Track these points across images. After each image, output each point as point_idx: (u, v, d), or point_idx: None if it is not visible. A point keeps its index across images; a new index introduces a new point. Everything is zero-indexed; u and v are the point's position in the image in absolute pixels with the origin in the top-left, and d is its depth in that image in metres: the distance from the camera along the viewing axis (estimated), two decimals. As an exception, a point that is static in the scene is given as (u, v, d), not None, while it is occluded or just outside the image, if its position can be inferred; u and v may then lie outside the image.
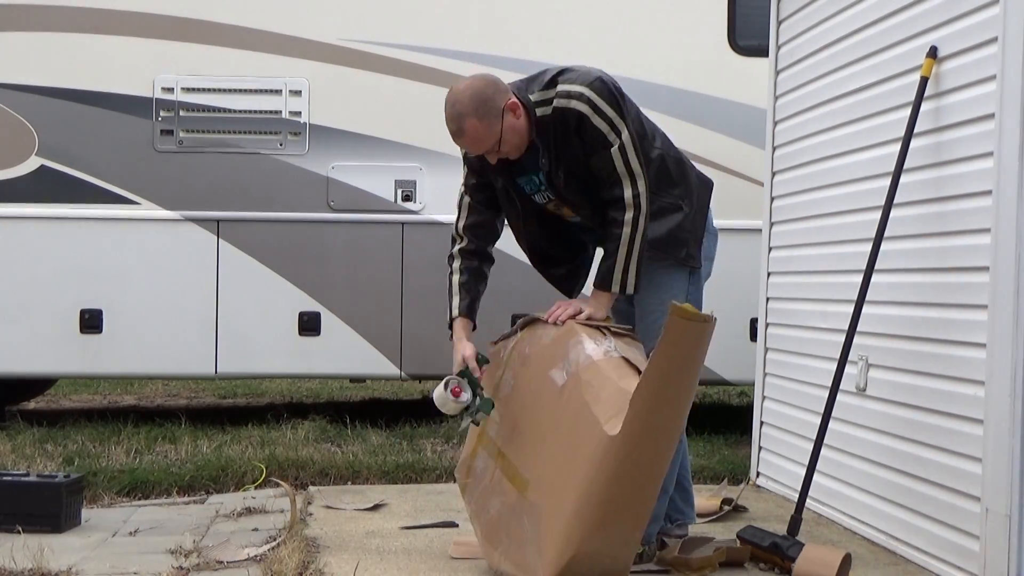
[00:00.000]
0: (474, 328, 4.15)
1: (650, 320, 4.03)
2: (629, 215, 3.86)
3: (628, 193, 3.87)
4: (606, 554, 3.60)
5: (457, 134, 3.90)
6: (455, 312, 4.14)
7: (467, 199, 4.22)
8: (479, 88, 3.86)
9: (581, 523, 3.54)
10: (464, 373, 3.93)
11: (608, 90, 3.91)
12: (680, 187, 4.11)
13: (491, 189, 4.17)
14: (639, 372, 3.56)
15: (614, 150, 3.86)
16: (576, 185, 3.98)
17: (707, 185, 4.25)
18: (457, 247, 4.22)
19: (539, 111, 3.91)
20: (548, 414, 3.73)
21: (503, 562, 3.87)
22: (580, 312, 3.90)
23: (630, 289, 3.88)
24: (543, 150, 3.94)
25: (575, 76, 3.93)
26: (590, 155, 3.89)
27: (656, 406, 3.47)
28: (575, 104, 3.87)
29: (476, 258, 4.19)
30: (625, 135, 3.87)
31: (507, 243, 4.34)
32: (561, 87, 3.90)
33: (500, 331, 4.27)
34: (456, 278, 4.18)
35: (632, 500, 3.56)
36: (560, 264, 4.28)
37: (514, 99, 3.89)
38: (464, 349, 4.01)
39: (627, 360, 3.65)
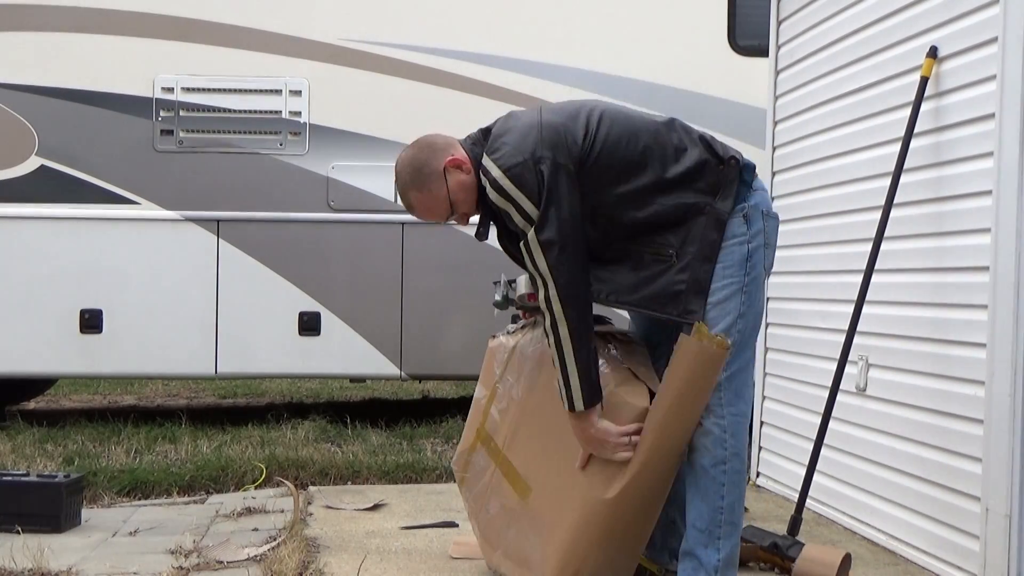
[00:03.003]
0: None
1: (712, 312, 3.47)
2: (545, 322, 3.42)
3: (540, 295, 3.42)
4: (608, 568, 3.62)
5: (409, 209, 3.59)
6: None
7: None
8: (412, 157, 3.52)
9: (586, 539, 3.55)
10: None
11: (530, 175, 3.36)
12: (677, 235, 3.46)
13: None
14: (637, 378, 3.55)
15: (522, 244, 3.40)
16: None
17: (718, 221, 3.46)
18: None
19: (481, 175, 3.48)
20: (553, 422, 3.68)
21: (503, 563, 3.87)
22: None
23: (578, 405, 3.39)
24: (484, 218, 3.57)
25: (501, 152, 3.42)
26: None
27: (667, 428, 3.46)
28: (488, 190, 3.42)
29: None
30: (531, 233, 3.35)
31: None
32: (484, 161, 3.45)
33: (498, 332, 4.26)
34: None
35: (637, 519, 3.58)
36: None
37: (456, 156, 3.48)
38: None
39: (631, 370, 3.64)
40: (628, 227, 3.46)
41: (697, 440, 3.51)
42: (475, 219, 3.62)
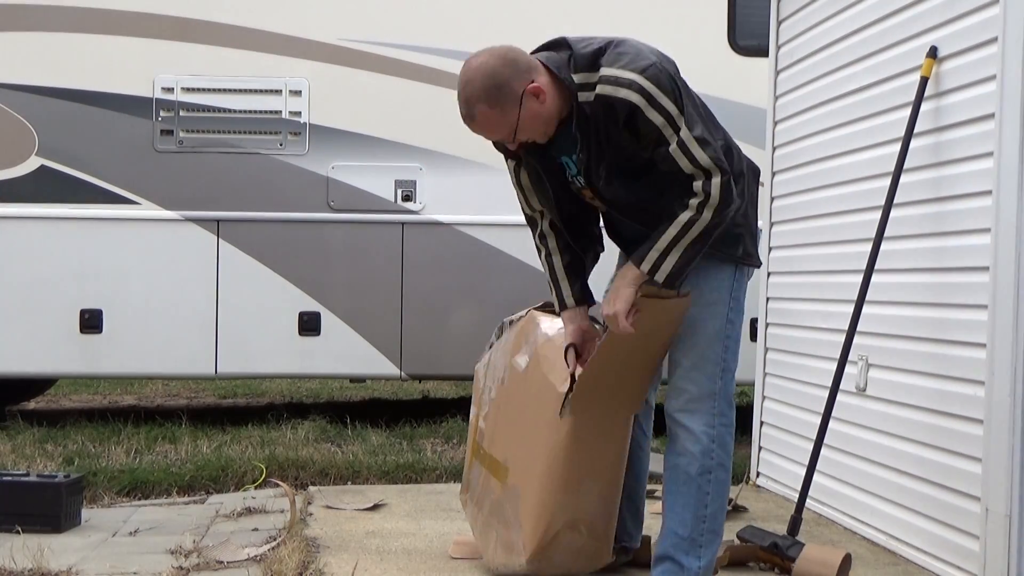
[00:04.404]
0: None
1: (686, 332, 3.56)
2: (696, 200, 3.32)
3: (699, 184, 3.32)
4: (583, 522, 3.68)
5: (467, 118, 3.36)
6: (565, 303, 3.65)
7: (514, 177, 3.68)
8: (493, 69, 3.28)
9: (552, 491, 3.63)
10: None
11: (666, 76, 3.33)
12: (736, 178, 3.49)
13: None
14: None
15: (673, 149, 3.31)
16: (621, 184, 3.45)
17: (755, 173, 3.71)
18: (543, 224, 3.68)
19: (580, 96, 3.33)
20: (516, 398, 3.83)
21: (496, 553, 3.89)
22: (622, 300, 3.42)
23: (660, 277, 3.35)
24: (581, 143, 3.40)
25: (625, 59, 3.32)
26: (643, 150, 3.36)
27: (611, 366, 3.54)
28: (624, 94, 3.28)
29: (568, 234, 3.68)
30: (684, 131, 3.31)
31: (510, 244, 4.34)
32: (606, 71, 3.30)
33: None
34: (557, 260, 3.66)
35: (597, 464, 3.64)
36: (589, 247, 3.76)
37: (536, 82, 3.30)
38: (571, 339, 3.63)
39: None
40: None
41: (685, 446, 3.58)
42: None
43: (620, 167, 3.42)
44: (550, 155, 3.53)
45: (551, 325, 3.74)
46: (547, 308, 3.87)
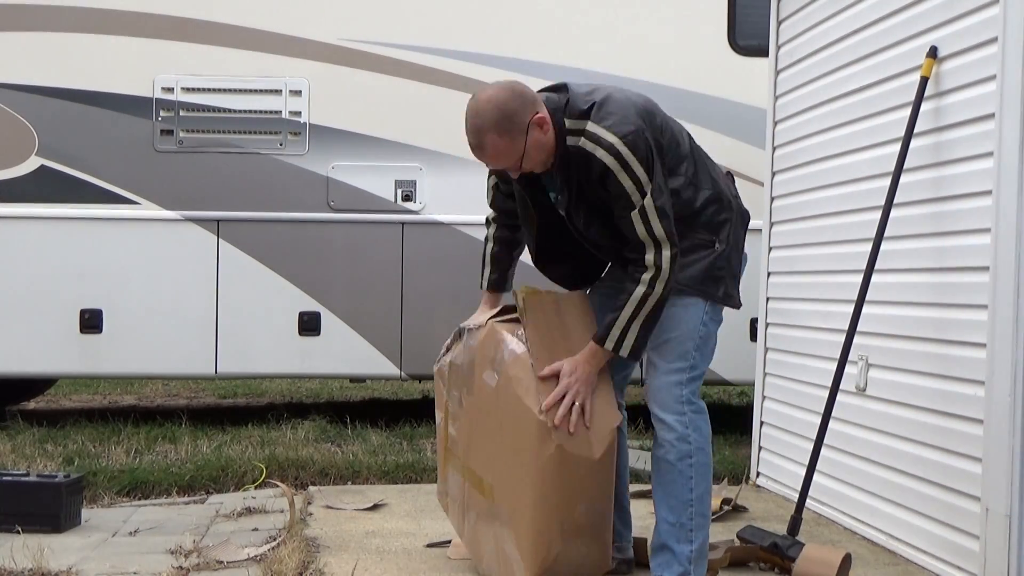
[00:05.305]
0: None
1: (660, 341, 3.70)
2: (647, 275, 3.53)
3: (649, 257, 3.53)
4: (581, 535, 3.68)
5: (477, 148, 3.57)
6: (484, 285, 4.11)
7: (492, 180, 4.04)
8: (503, 101, 3.51)
9: (546, 515, 3.61)
10: None
11: (643, 144, 3.52)
12: (714, 224, 3.74)
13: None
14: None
15: (635, 213, 3.51)
16: (597, 224, 3.69)
17: (744, 218, 3.87)
18: (493, 213, 4.09)
19: (568, 140, 3.57)
20: (491, 417, 3.83)
21: (493, 565, 3.89)
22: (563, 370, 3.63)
23: (625, 352, 3.58)
24: (562, 184, 3.66)
25: (611, 119, 3.53)
26: (612, 205, 3.59)
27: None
28: (601, 155, 3.51)
29: (508, 229, 4.05)
30: (648, 199, 3.50)
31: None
32: (591, 127, 3.53)
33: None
34: (488, 248, 4.10)
35: (587, 481, 3.64)
36: (565, 261, 3.96)
37: (542, 113, 3.54)
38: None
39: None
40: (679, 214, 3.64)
41: (663, 437, 3.70)
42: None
43: (598, 210, 3.65)
44: (540, 184, 3.79)
45: (516, 343, 3.74)
46: (506, 314, 3.92)
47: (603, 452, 3.61)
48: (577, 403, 3.55)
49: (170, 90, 7.50)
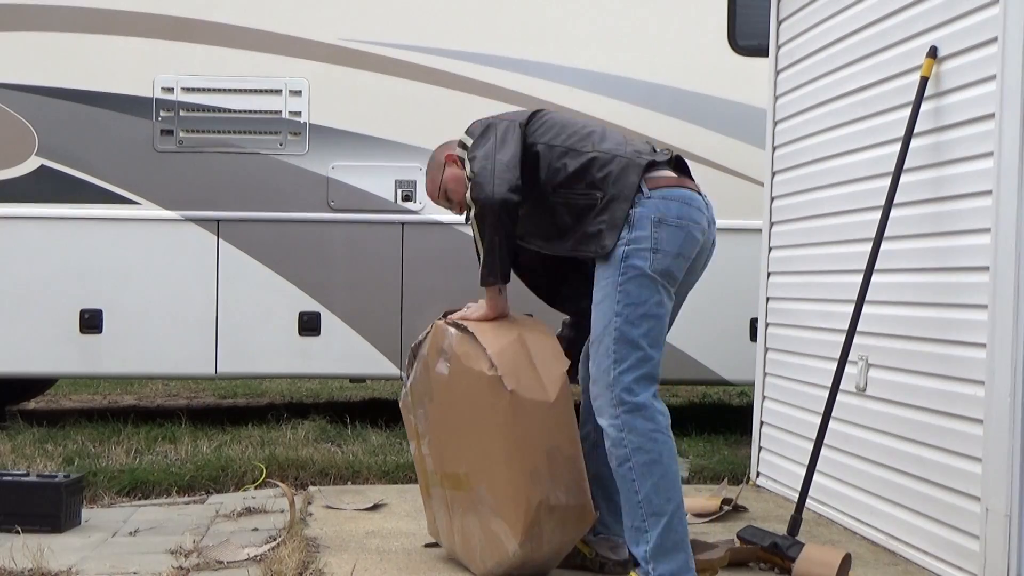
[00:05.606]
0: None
1: (595, 315, 3.80)
2: (472, 212, 3.91)
3: (469, 197, 3.92)
4: (558, 486, 3.76)
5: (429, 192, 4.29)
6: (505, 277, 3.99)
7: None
8: (434, 149, 4.25)
9: (519, 470, 3.72)
10: None
11: (480, 125, 4.05)
12: (597, 180, 3.84)
13: None
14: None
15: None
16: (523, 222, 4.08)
17: (636, 167, 3.85)
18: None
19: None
20: (452, 406, 3.96)
21: (484, 555, 3.91)
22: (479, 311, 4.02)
23: (495, 276, 3.88)
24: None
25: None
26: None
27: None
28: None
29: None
30: (469, 153, 3.99)
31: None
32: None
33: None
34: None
35: (549, 426, 3.75)
36: (541, 277, 4.28)
37: (454, 152, 4.10)
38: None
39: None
40: (561, 179, 3.90)
41: (605, 443, 3.76)
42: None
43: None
44: None
45: (457, 328, 3.97)
46: (448, 317, 4.08)
47: (557, 395, 3.76)
48: (471, 317, 3.97)
49: (170, 90, 7.50)
